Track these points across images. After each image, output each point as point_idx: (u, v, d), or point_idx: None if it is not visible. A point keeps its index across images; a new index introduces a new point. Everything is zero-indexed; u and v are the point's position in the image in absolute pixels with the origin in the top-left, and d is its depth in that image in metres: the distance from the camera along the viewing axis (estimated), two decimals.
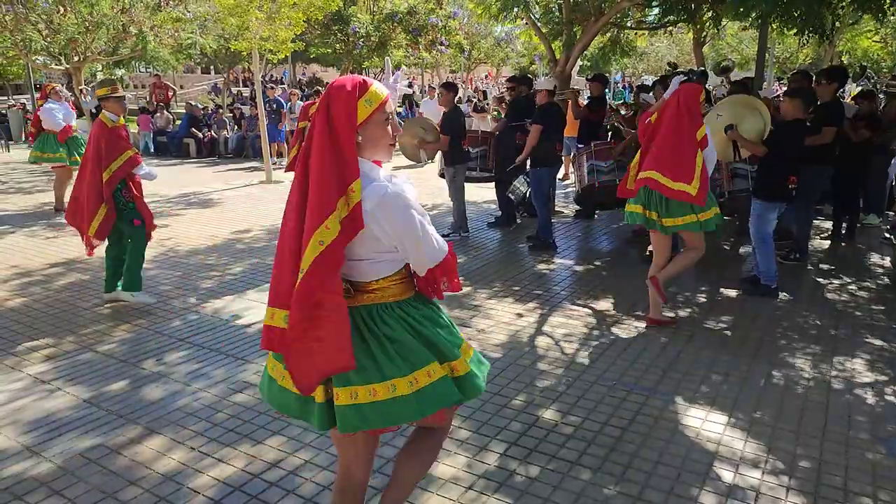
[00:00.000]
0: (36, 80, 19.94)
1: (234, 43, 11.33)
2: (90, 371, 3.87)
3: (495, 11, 8.49)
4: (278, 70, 32.35)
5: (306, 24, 12.27)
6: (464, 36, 21.86)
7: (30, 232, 7.54)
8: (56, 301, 5.11)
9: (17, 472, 2.86)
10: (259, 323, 4.64)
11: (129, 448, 3.05)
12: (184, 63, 23.72)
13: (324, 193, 1.75)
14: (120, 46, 14.99)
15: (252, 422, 3.29)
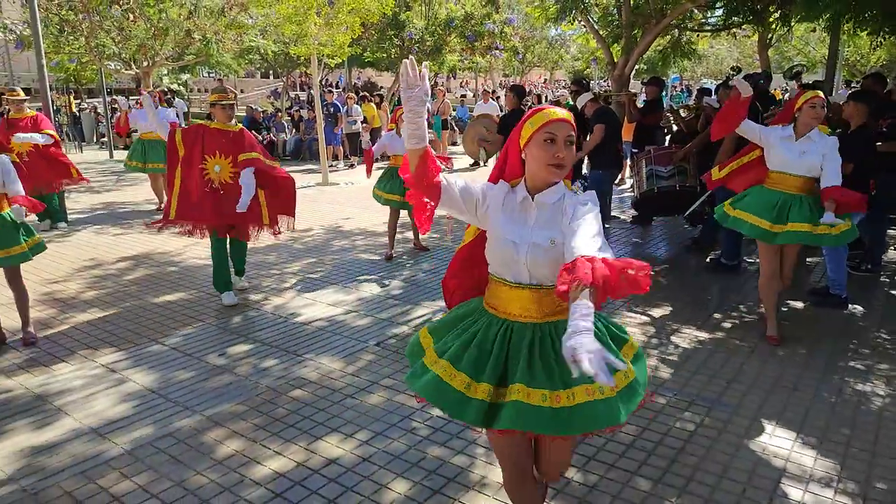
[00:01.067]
0: (108, 85, 20.86)
1: (294, 48, 11.61)
2: (158, 362, 4.02)
3: (553, 14, 8.43)
4: (334, 74, 32.99)
5: (363, 28, 12.48)
6: (518, 41, 21.80)
7: (100, 229, 7.89)
8: (126, 295, 5.32)
9: (90, 455, 2.99)
10: (317, 320, 4.73)
11: (194, 438, 3.15)
12: (245, 68, 24.48)
13: None
14: (185, 52, 15.55)
15: (311, 418, 3.34)
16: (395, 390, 3.63)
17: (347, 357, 4.10)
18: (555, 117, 1.90)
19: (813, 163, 3.95)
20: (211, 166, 4.84)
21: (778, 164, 4.08)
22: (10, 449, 3.06)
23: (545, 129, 1.89)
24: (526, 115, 1.99)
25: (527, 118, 1.96)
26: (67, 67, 18.44)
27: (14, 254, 4.13)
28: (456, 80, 35.64)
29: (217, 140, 4.83)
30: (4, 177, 4.09)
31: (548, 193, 1.97)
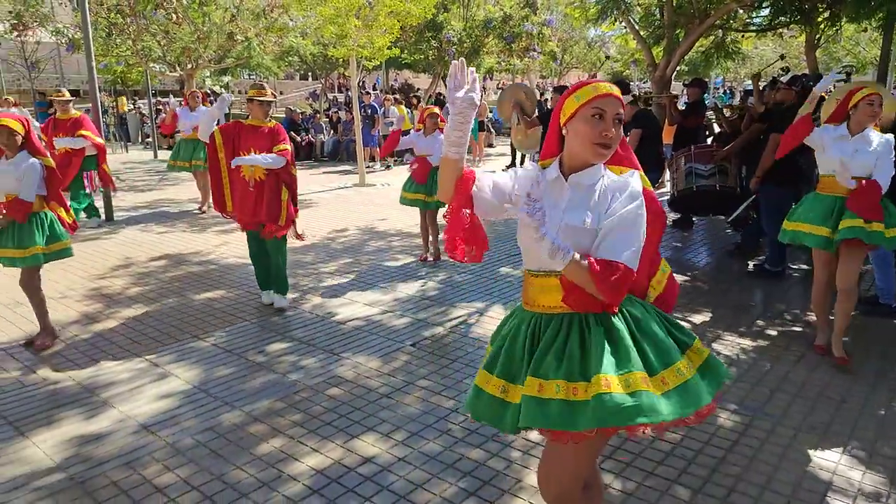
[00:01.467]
0: (152, 87, 21.44)
1: (333, 50, 11.75)
2: (199, 358, 4.11)
3: (593, 15, 8.34)
4: (372, 76, 33.26)
5: (401, 30, 12.56)
6: (556, 42, 21.64)
7: (144, 227, 8.10)
8: (168, 291, 5.45)
9: (134, 447, 3.07)
10: (353, 319, 4.77)
11: (234, 433, 3.21)
12: (284, 70, 24.84)
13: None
14: (227, 54, 15.88)
15: (347, 416, 3.37)
16: (431, 391, 3.63)
17: (384, 357, 4.12)
18: (604, 91, 1.75)
19: (866, 162, 3.78)
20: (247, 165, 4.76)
21: (829, 167, 3.92)
22: (59, 438, 3.16)
23: (593, 104, 1.74)
24: (571, 88, 1.83)
25: (571, 91, 1.81)
26: (115, 70, 19.03)
27: (27, 255, 4.08)
28: (492, 81, 35.54)
29: (252, 137, 4.75)
30: (24, 180, 4.04)
31: (585, 174, 1.81)
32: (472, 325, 4.69)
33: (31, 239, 4.10)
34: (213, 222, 8.26)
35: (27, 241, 4.08)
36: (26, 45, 20.75)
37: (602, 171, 1.83)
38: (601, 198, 1.78)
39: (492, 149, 17.75)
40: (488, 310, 5.00)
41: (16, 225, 4.09)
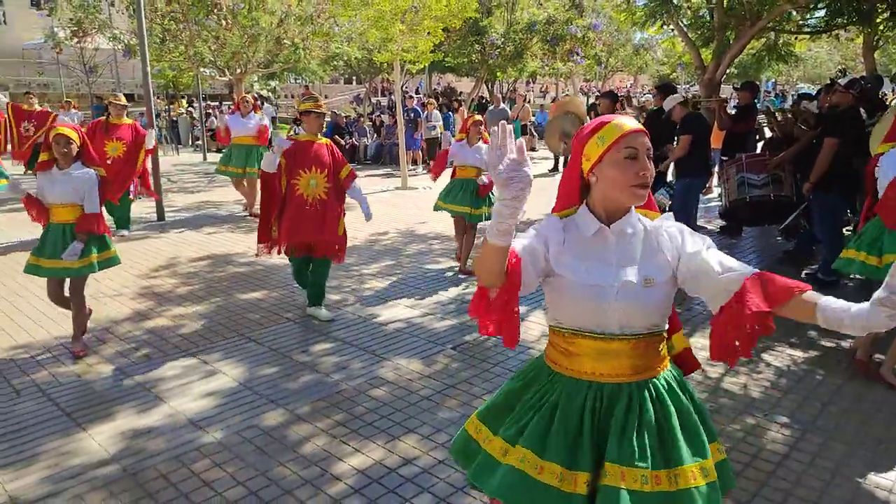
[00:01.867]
0: (203, 91, 22.08)
1: (378, 54, 11.88)
2: (245, 356, 4.20)
3: (640, 19, 8.22)
4: (415, 80, 33.51)
5: (444, 34, 12.63)
6: (602, 46, 21.40)
7: (193, 227, 8.34)
8: (216, 291, 5.60)
9: (184, 441, 3.17)
10: (394, 321, 4.81)
11: (278, 431, 3.27)
12: (330, 74, 25.24)
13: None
14: (275, 59, 16.23)
15: (388, 417, 3.40)
16: (472, 395, 3.64)
17: (425, 359, 4.14)
18: (630, 129, 1.60)
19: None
20: (305, 182, 4.61)
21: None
22: (113, 431, 3.28)
23: (623, 145, 1.58)
24: (588, 129, 1.66)
25: (591, 134, 1.63)
26: (167, 74, 19.66)
27: (84, 265, 4.08)
28: (535, 84, 35.37)
29: (309, 153, 4.62)
30: (87, 193, 4.06)
31: (625, 221, 1.66)
32: None
33: (88, 248, 4.10)
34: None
35: (84, 251, 4.09)
36: (85, 50, 21.59)
37: (634, 212, 1.70)
38: (649, 247, 1.67)
39: (534, 153, 17.65)
40: (530, 314, 4.97)
41: (68, 235, 4.06)
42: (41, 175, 4.05)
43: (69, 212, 4.09)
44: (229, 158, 8.71)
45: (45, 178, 4.05)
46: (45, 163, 4.04)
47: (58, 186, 4.04)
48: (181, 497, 2.74)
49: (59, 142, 3.98)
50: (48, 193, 4.06)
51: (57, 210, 4.09)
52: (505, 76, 20.55)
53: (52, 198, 4.06)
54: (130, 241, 7.39)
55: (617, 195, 1.63)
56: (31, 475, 2.89)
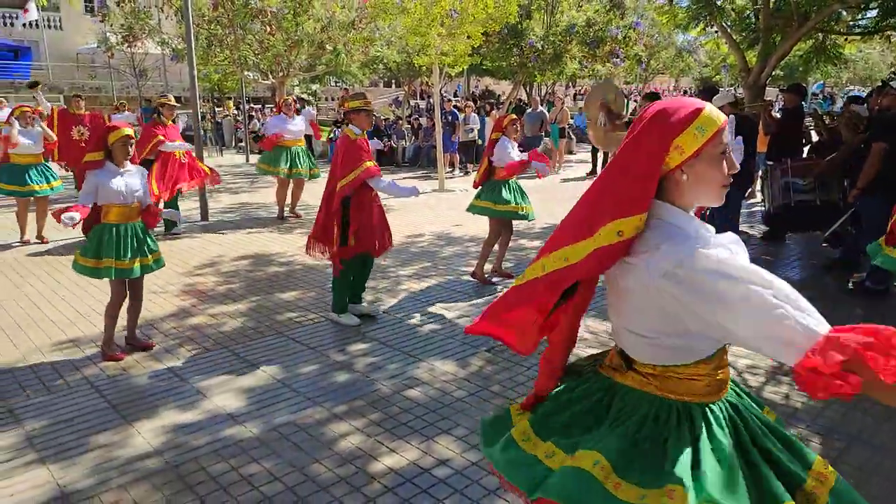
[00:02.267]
0: (247, 94, 22.59)
1: (417, 58, 11.98)
2: (284, 354, 4.29)
3: (683, 20, 8.09)
4: (453, 83, 33.62)
5: (483, 37, 12.65)
6: (642, 47, 21.11)
7: (235, 227, 8.53)
8: (256, 289, 5.72)
9: (224, 437, 3.25)
10: (429, 323, 4.83)
11: (315, 428, 3.33)
12: (369, 77, 25.54)
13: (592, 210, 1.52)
14: (317, 63, 16.51)
15: (423, 418, 3.43)
16: (507, 397, 3.64)
17: (460, 361, 4.16)
18: (724, 120, 1.42)
19: None
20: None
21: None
22: (157, 424, 3.38)
23: (719, 139, 1.41)
24: (680, 116, 1.40)
25: (686, 122, 1.39)
26: (213, 78, 20.16)
27: (159, 258, 4.26)
28: (574, 87, 35.09)
29: (362, 150, 4.62)
30: (144, 188, 4.13)
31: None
32: None
33: (154, 243, 4.22)
34: (297, 225, 8.59)
35: (153, 246, 4.20)
36: (135, 55, 22.29)
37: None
38: None
39: (572, 156, 17.51)
40: None
41: (132, 236, 4.07)
42: (96, 174, 3.96)
43: (133, 211, 4.10)
44: (273, 159, 8.73)
45: (102, 176, 3.96)
46: (96, 162, 3.99)
47: (120, 185, 3.99)
48: (220, 490, 2.81)
49: (127, 143, 4.01)
50: (109, 193, 3.98)
51: (120, 210, 4.04)
52: (543, 79, 20.44)
53: (113, 197, 3.99)
54: (175, 240, 7.61)
55: (707, 196, 1.47)
56: (80, 466, 3.00)
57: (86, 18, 23.49)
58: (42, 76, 28.25)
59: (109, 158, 4.03)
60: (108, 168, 4.01)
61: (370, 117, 4.72)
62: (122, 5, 15.28)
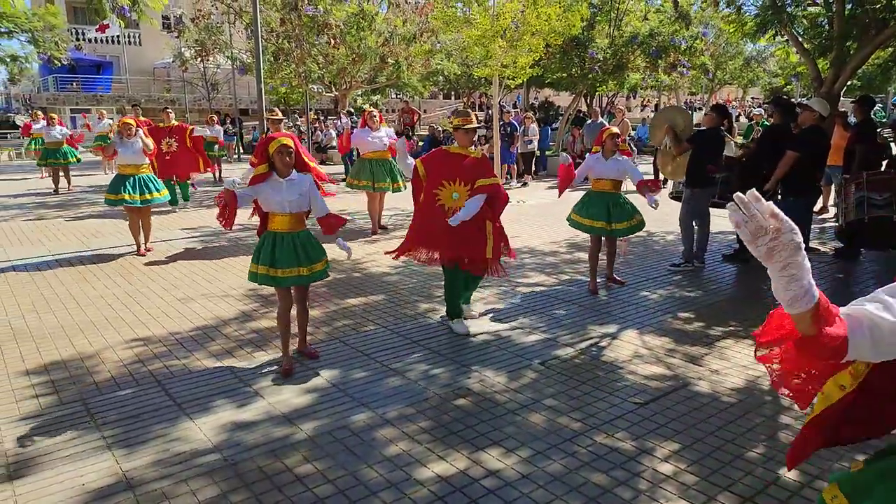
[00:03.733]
0: (311, 106, 23.22)
1: (477, 70, 12.04)
2: (339, 358, 4.37)
3: (751, 29, 7.84)
4: (512, 95, 33.60)
5: (546, 48, 12.61)
6: (709, 57, 20.57)
7: None
8: (316, 296, 5.85)
9: (279, 437, 3.33)
10: (482, 333, 4.83)
11: (367, 433, 3.38)
12: (429, 89, 25.83)
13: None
14: (378, 75, 16.85)
15: (473, 428, 3.42)
16: (557, 411, 3.59)
17: (511, 373, 4.14)
18: None
19: None
20: (448, 194, 4.65)
21: None
22: (216, 422, 3.50)
23: None
24: None
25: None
26: (279, 90, 20.86)
27: (311, 272, 4.13)
28: (635, 99, 34.48)
29: (456, 165, 4.64)
30: (313, 197, 4.13)
31: None
32: (604, 348, 4.57)
33: (322, 251, 4.18)
34: (361, 234, 8.75)
35: (318, 254, 4.15)
36: (207, 69, 23.32)
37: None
38: None
39: None
40: (620, 334, 4.84)
41: (299, 242, 4.08)
42: (262, 186, 3.98)
43: (295, 220, 4.08)
44: (359, 172, 8.62)
45: (269, 187, 3.98)
46: (262, 175, 3.97)
47: (285, 195, 3.98)
48: (274, 490, 2.88)
49: (283, 151, 3.94)
50: (273, 203, 4.00)
51: (282, 220, 4.04)
52: (605, 89, 20.18)
53: (279, 207, 4.00)
54: (239, 246, 7.88)
55: None
56: (144, 458, 3.14)
57: (163, 35, 24.77)
58: (121, 90, 29.94)
59: (272, 169, 4.01)
60: (274, 178, 4.00)
61: (469, 135, 4.69)
62: (197, 21, 16.03)
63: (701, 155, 6.42)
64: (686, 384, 3.96)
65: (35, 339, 4.78)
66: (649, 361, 4.30)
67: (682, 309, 5.47)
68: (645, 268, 6.79)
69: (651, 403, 3.70)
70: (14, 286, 6.17)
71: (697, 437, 3.31)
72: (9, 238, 8.44)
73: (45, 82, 30.27)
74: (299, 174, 4.08)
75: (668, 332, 4.89)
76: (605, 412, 3.59)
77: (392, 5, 15.32)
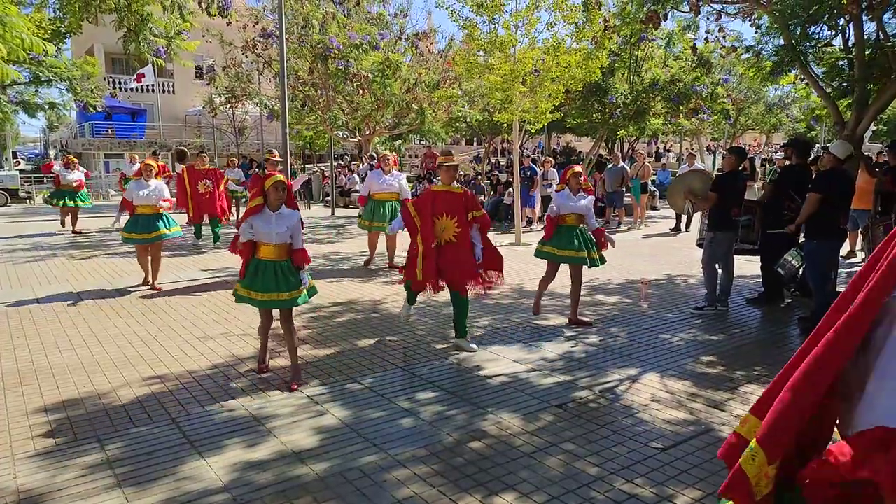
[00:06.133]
0: (335, 151, 23.74)
1: (498, 115, 12.23)
2: (353, 399, 4.33)
3: (768, 72, 7.85)
4: (534, 140, 33.97)
5: (565, 95, 12.78)
6: (730, 102, 20.63)
7: (318, 276, 8.82)
8: (332, 336, 5.85)
9: (289, 477, 3.29)
10: (499, 375, 4.76)
11: (378, 474, 3.31)
12: (451, 135, 26.24)
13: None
14: (402, 121, 17.19)
15: (488, 471, 3.34)
16: (575, 455, 3.49)
17: (528, 415, 4.05)
18: None
19: None
20: (438, 227, 5.23)
21: None
22: (227, 461, 3.47)
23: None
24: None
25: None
26: (305, 135, 21.37)
27: (291, 297, 4.52)
28: (657, 144, 34.60)
29: (444, 201, 5.24)
30: (296, 231, 4.59)
31: None
32: (624, 391, 4.46)
33: (297, 281, 4.57)
34: (378, 275, 8.78)
35: (294, 284, 4.55)
36: (236, 115, 24.03)
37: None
38: None
39: (655, 211, 17.13)
40: (641, 377, 4.74)
41: (279, 272, 4.50)
42: (254, 218, 4.47)
43: (280, 250, 4.53)
44: (373, 214, 8.89)
45: (260, 219, 4.48)
46: (256, 207, 4.49)
47: (274, 226, 4.47)
48: None
49: (278, 187, 4.47)
50: (263, 234, 4.48)
51: (268, 249, 4.51)
52: (626, 133, 20.31)
53: (267, 238, 4.48)
54: None
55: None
56: (154, 496, 3.11)
57: (195, 83, 25.66)
58: (154, 136, 30.92)
59: (265, 203, 4.51)
60: (265, 211, 4.50)
61: (450, 171, 5.33)
62: (228, 70, 16.59)
63: (722, 198, 6.39)
64: (708, 430, 3.84)
65: (55, 375, 4.83)
66: (670, 406, 4.18)
67: (705, 353, 5.35)
68: (667, 310, 6.69)
69: (671, 449, 3.58)
70: (39, 323, 6.27)
71: (719, 485, 3.18)
72: (37, 277, 8.63)
73: (82, 129, 31.39)
74: (288, 210, 4.57)
75: (689, 375, 4.78)
76: (624, 457, 3.48)
77: (416, 54, 15.72)
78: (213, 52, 17.86)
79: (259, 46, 15.07)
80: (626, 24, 12.06)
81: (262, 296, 4.49)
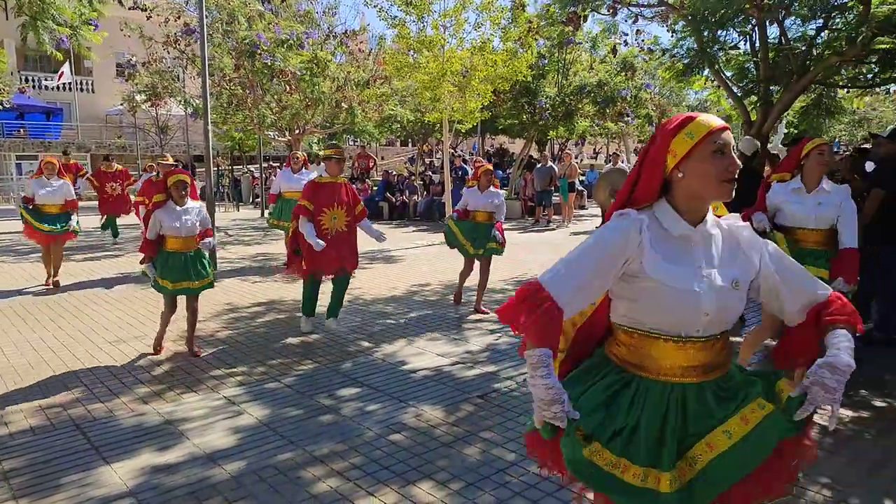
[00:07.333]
0: (265, 152, 23.15)
1: (428, 115, 12.27)
2: (272, 399, 4.23)
3: (680, 71, 8.21)
4: (468, 142, 34.22)
5: (494, 95, 12.94)
6: (653, 108, 21.41)
7: (243, 277, 8.60)
8: (254, 335, 5.71)
9: (200, 478, 3.18)
10: (423, 369, 4.77)
11: (294, 471, 3.25)
12: (385, 136, 26.09)
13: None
14: (333, 121, 16.96)
15: (405, 462, 3.33)
16: (493, 443, 3.53)
17: (449, 407, 4.07)
18: (717, 125, 1.60)
19: None
20: (329, 217, 5.52)
21: None
22: (135, 465, 3.32)
23: (712, 140, 1.58)
24: (672, 124, 1.64)
25: (677, 128, 1.61)
26: (233, 136, 20.77)
27: (201, 285, 4.99)
28: (585, 145, 35.52)
29: (331, 193, 5.53)
30: (205, 218, 5.05)
31: (709, 223, 1.66)
32: None
33: (206, 269, 5.00)
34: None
35: (207, 270, 5.01)
36: (159, 114, 23.13)
37: (712, 213, 1.70)
38: (730, 248, 1.68)
39: (584, 210, 17.59)
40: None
41: (189, 262, 4.91)
42: (161, 212, 4.83)
43: (188, 242, 4.92)
44: (281, 212, 8.79)
45: (165, 213, 4.84)
46: (160, 202, 4.85)
47: (181, 220, 4.85)
48: None
49: (180, 186, 4.86)
50: (171, 228, 4.84)
51: (174, 241, 4.88)
52: (556, 135, 20.73)
53: (175, 232, 4.84)
54: None
55: (705, 190, 1.61)
56: None
57: (116, 82, 24.50)
58: (72, 136, 29.39)
59: (170, 198, 4.89)
60: (170, 205, 4.87)
61: (340, 164, 5.59)
62: (148, 66, 15.95)
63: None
64: None
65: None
66: None
67: None
68: None
69: None
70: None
71: None
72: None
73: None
74: (192, 202, 4.97)
75: None
76: None
77: (347, 54, 15.55)
78: (133, 47, 17.11)
79: (182, 42, 14.54)
80: (550, 26, 12.32)
81: (172, 284, 4.86)
